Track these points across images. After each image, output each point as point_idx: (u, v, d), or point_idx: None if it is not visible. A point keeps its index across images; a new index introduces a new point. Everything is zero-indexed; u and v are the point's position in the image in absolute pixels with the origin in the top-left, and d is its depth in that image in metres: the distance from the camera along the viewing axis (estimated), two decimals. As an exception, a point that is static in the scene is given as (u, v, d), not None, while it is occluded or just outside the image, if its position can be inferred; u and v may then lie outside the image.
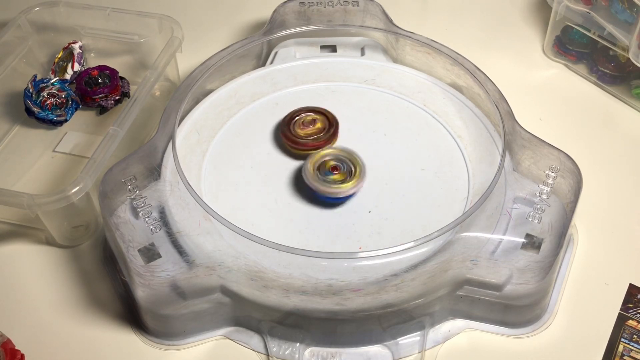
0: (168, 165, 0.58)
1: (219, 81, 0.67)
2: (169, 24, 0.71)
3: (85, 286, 0.58)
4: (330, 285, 0.50)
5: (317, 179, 0.56)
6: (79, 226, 0.62)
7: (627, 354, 0.53)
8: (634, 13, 0.68)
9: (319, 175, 0.56)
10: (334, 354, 0.53)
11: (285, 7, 0.73)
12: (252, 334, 0.55)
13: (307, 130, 0.60)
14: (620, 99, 0.74)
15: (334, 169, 0.57)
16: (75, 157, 0.68)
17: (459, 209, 0.56)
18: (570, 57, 0.78)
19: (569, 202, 0.55)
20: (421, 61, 0.69)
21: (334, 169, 0.57)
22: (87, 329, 0.56)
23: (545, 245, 0.53)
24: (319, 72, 0.69)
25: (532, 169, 0.57)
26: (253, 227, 0.53)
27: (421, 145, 0.62)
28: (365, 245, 0.54)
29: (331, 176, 0.56)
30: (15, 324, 0.55)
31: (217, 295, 0.52)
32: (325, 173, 0.57)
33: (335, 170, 0.57)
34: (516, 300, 0.53)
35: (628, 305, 0.56)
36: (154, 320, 0.54)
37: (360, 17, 0.73)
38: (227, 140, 0.62)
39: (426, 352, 0.53)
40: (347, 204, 0.57)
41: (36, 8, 0.73)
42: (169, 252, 0.52)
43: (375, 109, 0.65)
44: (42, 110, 0.69)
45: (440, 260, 0.52)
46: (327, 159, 0.58)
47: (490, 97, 0.62)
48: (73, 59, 0.74)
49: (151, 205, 0.54)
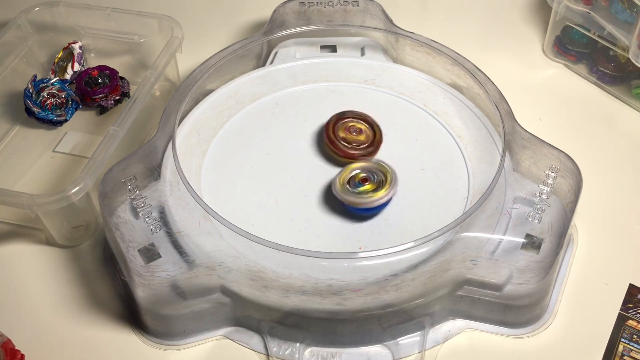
0: (168, 165, 0.58)
1: (219, 81, 0.67)
2: (169, 24, 0.71)
3: (85, 286, 0.58)
4: (330, 285, 0.50)
5: (347, 191, 0.54)
6: (79, 226, 0.62)
7: (627, 354, 0.53)
8: (634, 13, 0.68)
9: (349, 187, 0.55)
10: (334, 354, 0.53)
11: (285, 7, 0.73)
12: (252, 334, 0.55)
13: (352, 137, 0.59)
14: (620, 99, 0.74)
15: (364, 181, 0.55)
16: (75, 157, 0.68)
17: (459, 209, 0.56)
18: (570, 57, 0.78)
19: (569, 202, 0.55)
20: (421, 61, 0.69)
21: (364, 180, 0.55)
22: (87, 329, 0.56)
23: (545, 245, 0.53)
24: (319, 72, 0.69)
25: (532, 169, 0.57)
26: (253, 227, 0.53)
27: (421, 145, 0.62)
28: (365, 245, 0.54)
29: (361, 187, 0.55)
30: (15, 324, 0.55)
31: (217, 295, 0.52)
32: (355, 185, 0.55)
33: (365, 182, 0.55)
34: (516, 300, 0.53)
35: (628, 305, 0.56)
36: (154, 320, 0.54)
37: (360, 17, 0.73)
38: (227, 140, 0.62)
39: (426, 352, 0.53)
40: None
41: (36, 8, 0.73)
42: (169, 252, 0.52)
43: (375, 109, 0.65)
44: (42, 110, 0.69)
45: (440, 260, 0.52)
46: (356, 172, 0.56)
47: (490, 97, 0.62)
48: (73, 59, 0.74)
49: (151, 205, 0.54)
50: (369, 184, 0.55)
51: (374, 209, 0.55)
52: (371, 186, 0.55)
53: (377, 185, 0.55)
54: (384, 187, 0.54)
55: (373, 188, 0.55)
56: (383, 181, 0.55)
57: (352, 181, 0.55)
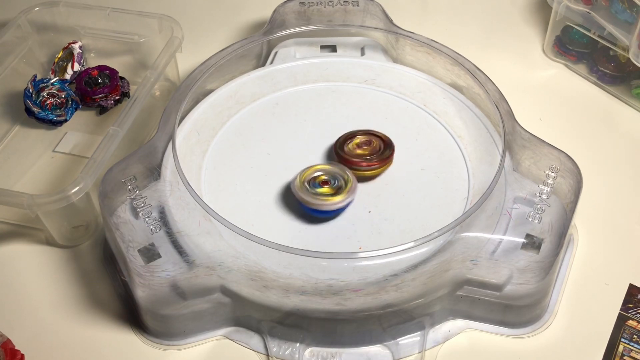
0: (168, 165, 0.58)
1: (219, 81, 0.67)
2: (169, 24, 0.71)
3: (85, 286, 0.58)
4: (330, 286, 0.50)
5: (306, 192, 0.55)
6: (79, 226, 0.62)
7: (627, 354, 0.53)
8: (634, 13, 0.68)
9: (309, 188, 0.55)
10: (334, 354, 0.53)
11: (285, 7, 0.73)
12: (252, 334, 0.55)
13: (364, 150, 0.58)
14: (620, 99, 0.74)
15: (324, 183, 0.56)
16: (75, 157, 0.68)
17: (459, 209, 0.56)
18: (570, 57, 0.78)
19: (569, 202, 0.55)
20: (421, 61, 0.69)
21: (324, 183, 0.56)
22: (87, 329, 0.56)
23: (545, 245, 0.52)
24: (319, 72, 0.69)
25: (532, 169, 0.57)
26: (253, 227, 0.53)
27: (421, 145, 0.62)
28: (365, 245, 0.54)
29: (319, 189, 0.55)
30: (15, 324, 0.55)
31: (217, 295, 0.52)
32: (314, 185, 0.55)
33: (325, 184, 0.56)
34: (516, 300, 0.53)
35: (628, 305, 0.56)
36: (154, 320, 0.54)
37: (360, 17, 0.73)
38: (227, 140, 0.62)
39: (426, 352, 0.53)
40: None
41: (36, 8, 0.73)
42: (169, 252, 0.52)
43: (375, 109, 0.65)
44: (42, 110, 0.69)
45: (440, 260, 0.52)
46: (317, 174, 0.56)
47: (490, 97, 0.62)
48: (73, 59, 0.74)
49: (151, 205, 0.54)
50: (327, 187, 0.55)
51: (327, 213, 0.55)
52: (329, 190, 0.55)
53: (336, 191, 0.55)
54: (341, 193, 0.55)
55: (331, 192, 0.55)
56: (342, 187, 0.55)
57: (313, 182, 0.56)
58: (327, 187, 0.55)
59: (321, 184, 0.56)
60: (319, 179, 0.56)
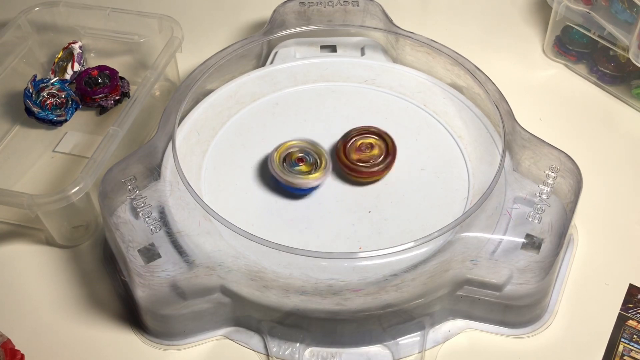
0: (168, 165, 0.58)
1: (219, 81, 0.67)
2: (169, 24, 0.71)
3: (85, 286, 0.58)
4: (330, 286, 0.50)
5: (283, 170, 0.56)
6: (79, 226, 0.62)
7: (627, 354, 0.53)
8: (634, 13, 0.68)
9: (285, 165, 0.57)
10: (334, 354, 0.53)
11: (285, 7, 0.73)
12: (252, 334, 0.55)
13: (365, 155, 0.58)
14: (620, 99, 0.74)
15: (299, 161, 0.57)
16: (75, 157, 0.68)
17: (459, 209, 0.56)
18: (570, 57, 0.78)
19: (569, 202, 0.55)
20: (421, 61, 0.69)
21: (300, 160, 0.57)
22: (87, 329, 0.56)
23: (545, 245, 0.52)
24: (319, 72, 0.69)
25: (532, 169, 0.57)
26: (253, 227, 0.53)
27: (421, 145, 0.62)
28: (365, 246, 0.54)
29: (297, 167, 0.57)
30: (15, 324, 0.55)
31: (217, 295, 0.52)
32: (291, 164, 0.57)
33: (300, 162, 0.57)
34: (516, 300, 0.53)
35: (628, 305, 0.56)
36: (154, 320, 0.54)
37: (360, 17, 0.73)
38: (227, 140, 0.62)
39: (426, 352, 0.53)
40: (347, 204, 0.57)
41: (36, 8, 0.73)
42: (169, 252, 0.52)
43: (375, 109, 0.65)
44: (42, 110, 0.69)
45: (440, 260, 0.52)
46: (293, 150, 0.58)
47: (490, 97, 0.62)
48: (73, 59, 0.74)
49: (151, 205, 0.54)
50: (303, 164, 0.57)
51: (306, 190, 0.57)
52: (306, 167, 0.57)
53: (311, 167, 0.57)
54: (318, 170, 0.56)
55: (307, 170, 0.57)
56: (317, 162, 0.57)
57: (289, 159, 0.57)
58: (303, 164, 0.57)
59: (297, 161, 0.57)
60: (295, 156, 0.57)
